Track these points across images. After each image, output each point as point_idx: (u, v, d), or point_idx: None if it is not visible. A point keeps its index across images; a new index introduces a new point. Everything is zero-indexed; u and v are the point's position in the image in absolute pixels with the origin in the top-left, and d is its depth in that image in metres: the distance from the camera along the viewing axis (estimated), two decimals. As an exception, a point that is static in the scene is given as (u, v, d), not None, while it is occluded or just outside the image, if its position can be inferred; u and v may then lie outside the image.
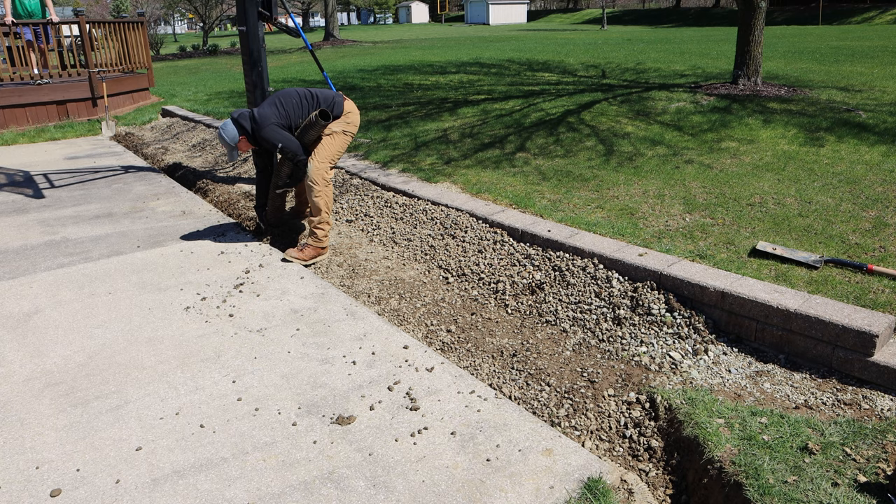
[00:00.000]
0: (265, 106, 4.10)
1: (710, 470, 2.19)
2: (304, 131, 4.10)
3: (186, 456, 2.32)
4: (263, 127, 4.02)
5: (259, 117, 4.04)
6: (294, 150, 4.07)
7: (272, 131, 4.03)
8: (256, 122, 4.04)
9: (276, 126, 4.05)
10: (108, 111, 9.88)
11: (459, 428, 2.45)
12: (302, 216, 4.83)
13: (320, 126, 4.08)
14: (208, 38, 33.10)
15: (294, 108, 4.14)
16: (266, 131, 4.01)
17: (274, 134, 4.02)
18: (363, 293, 3.79)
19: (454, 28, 42.30)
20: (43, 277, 3.94)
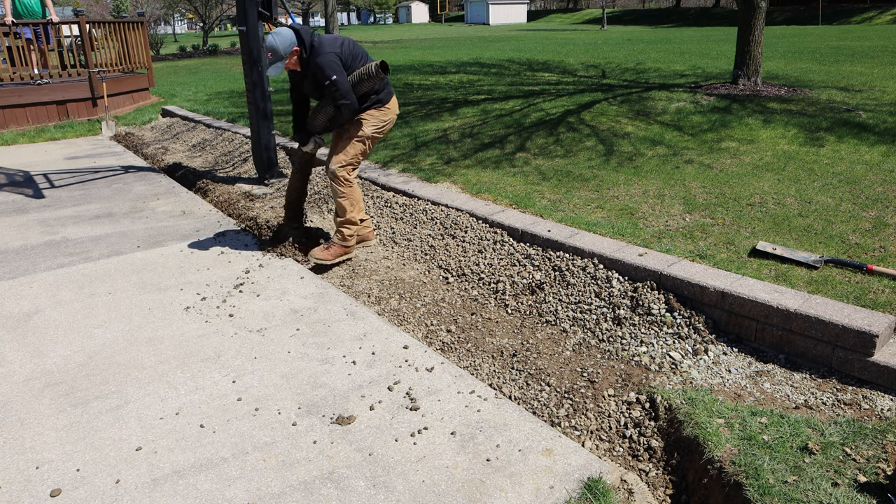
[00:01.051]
0: (326, 35, 3.70)
1: (710, 470, 2.19)
2: (358, 82, 3.71)
3: (186, 456, 2.32)
4: (321, 53, 3.54)
5: (319, 43, 3.60)
6: (345, 89, 3.60)
7: (330, 60, 3.54)
8: (314, 47, 3.58)
9: (336, 57, 3.58)
10: (108, 111, 9.88)
11: (459, 428, 2.45)
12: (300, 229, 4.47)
13: (376, 80, 3.70)
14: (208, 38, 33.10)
15: (354, 51, 3.76)
16: (324, 58, 3.53)
17: (331, 64, 3.54)
18: (363, 293, 3.79)
19: (454, 28, 42.29)
20: (43, 277, 3.94)
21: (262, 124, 5.83)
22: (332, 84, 3.58)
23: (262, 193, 5.80)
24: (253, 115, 5.83)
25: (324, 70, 3.55)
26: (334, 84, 3.59)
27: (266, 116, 5.84)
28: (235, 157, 7.15)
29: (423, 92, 9.41)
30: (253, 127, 5.91)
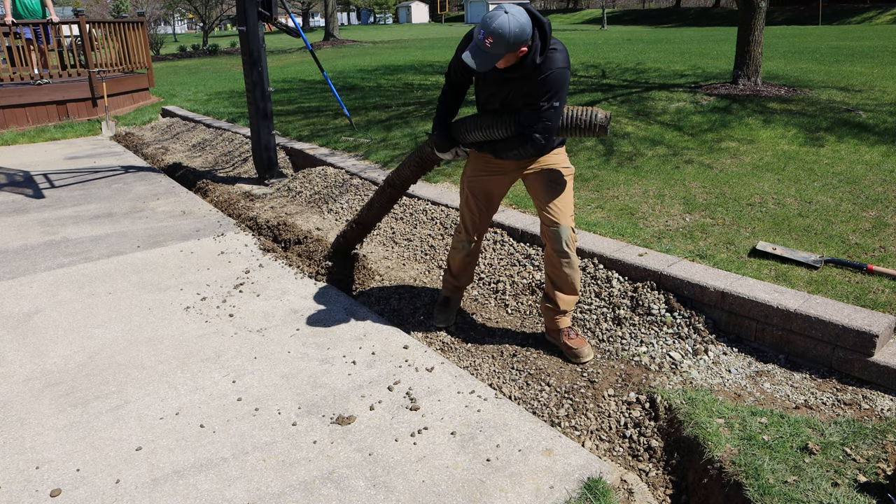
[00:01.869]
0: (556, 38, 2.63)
1: (710, 470, 2.19)
2: (569, 126, 2.76)
3: (186, 456, 2.32)
4: (557, 64, 2.53)
5: (560, 48, 2.57)
6: (556, 125, 2.66)
7: (565, 79, 2.57)
8: (553, 51, 2.54)
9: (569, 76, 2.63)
10: (108, 111, 9.88)
11: (459, 428, 2.45)
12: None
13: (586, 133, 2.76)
14: (208, 38, 33.10)
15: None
16: (559, 74, 2.54)
17: (564, 84, 2.58)
18: (363, 293, 3.78)
19: (454, 28, 42.29)
20: (43, 277, 3.94)
21: (262, 124, 5.83)
22: (551, 112, 2.58)
23: (262, 193, 5.80)
24: (253, 115, 5.84)
25: (552, 88, 2.54)
26: (553, 112, 2.59)
27: (266, 116, 5.84)
28: (235, 157, 7.15)
29: (423, 92, 9.41)
30: (253, 127, 5.92)
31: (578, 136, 2.80)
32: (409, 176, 3.33)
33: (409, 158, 3.25)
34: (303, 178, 5.82)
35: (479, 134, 2.78)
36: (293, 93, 10.52)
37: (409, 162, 3.27)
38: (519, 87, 2.63)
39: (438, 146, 2.98)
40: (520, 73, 2.56)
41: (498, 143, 2.77)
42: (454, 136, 2.91)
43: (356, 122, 7.46)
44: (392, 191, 3.45)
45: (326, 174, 5.69)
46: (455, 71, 2.84)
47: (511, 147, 2.72)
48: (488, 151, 2.85)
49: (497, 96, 2.73)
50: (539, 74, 2.54)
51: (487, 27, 2.37)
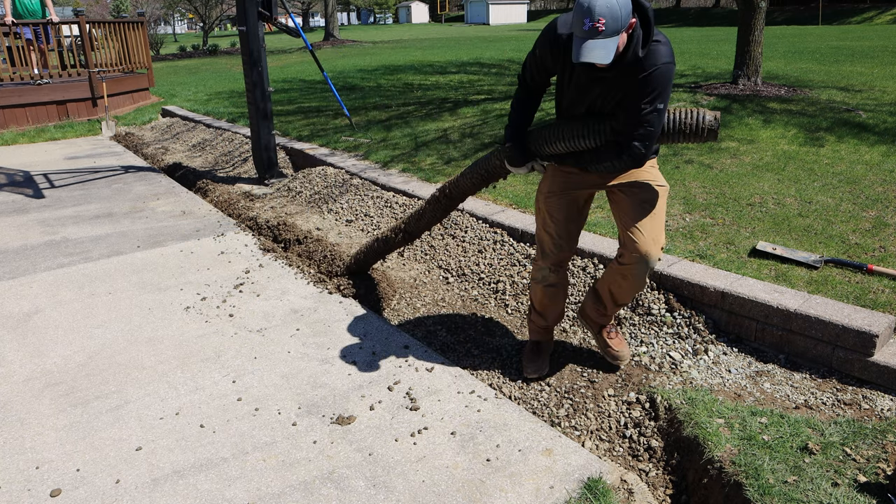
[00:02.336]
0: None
1: (710, 470, 2.19)
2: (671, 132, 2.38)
3: (186, 456, 2.32)
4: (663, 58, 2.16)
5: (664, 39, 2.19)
6: (658, 131, 2.28)
7: (671, 75, 2.20)
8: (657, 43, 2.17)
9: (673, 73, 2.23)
10: (108, 111, 9.88)
11: (459, 428, 2.45)
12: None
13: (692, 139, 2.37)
14: (208, 38, 33.10)
15: None
16: (666, 70, 2.16)
17: (669, 81, 2.20)
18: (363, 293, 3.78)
19: (454, 28, 42.28)
20: (43, 277, 3.94)
21: (262, 124, 5.83)
22: (654, 115, 2.21)
23: (262, 193, 5.80)
24: (253, 115, 5.84)
25: (656, 87, 2.17)
26: (656, 116, 2.22)
27: (266, 116, 5.84)
28: (235, 157, 7.15)
29: (423, 92, 9.41)
30: (253, 127, 5.92)
31: (681, 142, 2.42)
32: (468, 188, 2.98)
33: (472, 169, 2.88)
34: (303, 178, 5.82)
35: (564, 144, 2.41)
36: (293, 93, 10.52)
37: (472, 173, 2.90)
38: (613, 86, 2.24)
39: (512, 159, 2.58)
40: (616, 71, 2.17)
41: (585, 154, 2.40)
42: (531, 147, 2.54)
43: (356, 122, 7.46)
44: (447, 202, 3.12)
45: (326, 174, 5.69)
46: (534, 72, 2.43)
47: (603, 158, 2.35)
48: (572, 164, 2.49)
49: (584, 99, 2.35)
50: (641, 71, 2.15)
51: (593, 9, 1.97)
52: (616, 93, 2.25)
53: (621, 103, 2.26)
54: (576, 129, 2.36)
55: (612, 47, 2.02)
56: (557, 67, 2.33)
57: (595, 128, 2.34)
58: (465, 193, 3.04)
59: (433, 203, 3.19)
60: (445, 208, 3.16)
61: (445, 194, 3.10)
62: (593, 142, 2.36)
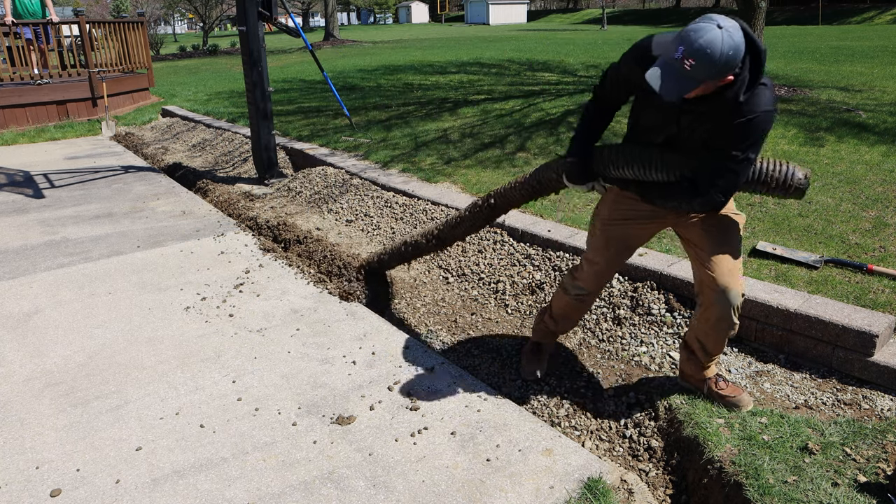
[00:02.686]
0: None
1: (710, 470, 2.19)
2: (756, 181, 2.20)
3: (186, 456, 2.32)
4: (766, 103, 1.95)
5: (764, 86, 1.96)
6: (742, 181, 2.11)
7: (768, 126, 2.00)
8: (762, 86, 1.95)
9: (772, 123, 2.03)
10: (108, 111, 9.88)
11: (459, 428, 2.45)
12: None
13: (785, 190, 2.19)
14: (208, 38, 33.11)
15: None
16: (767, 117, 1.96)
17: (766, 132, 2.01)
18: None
19: (454, 28, 42.29)
20: (43, 277, 3.94)
21: (262, 124, 5.83)
22: (744, 164, 2.02)
23: (262, 193, 5.80)
24: (253, 115, 5.84)
25: (752, 136, 1.98)
26: (745, 166, 2.03)
27: (266, 116, 5.84)
28: (235, 157, 7.15)
29: (423, 92, 9.41)
30: (253, 127, 5.92)
31: (759, 193, 2.23)
32: (516, 199, 2.78)
33: (524, 181, 2.68)
34: (303, 178, 5.82)
35: (632, 171, 2.21)
36: (293, 93, 10.52)
37: (522, 185, 2.70)
38: (703, 123, 2.04)
39: (573, 175, 2.40)
40: (711, 107, 1.98)
41: (653, 186, 2.21)
42: (595, 166, 2.34)
43: (356, 122, 7.46)
44: (490, 212, 2.92)
45: (326, 174, 5.69)
46: (612, 85, 2.24)
47: (673, 196, 2.16)
48: (635, 192, 2.30)
49: (665, 128, 2.14)
50: (738, 115, 1.94)
51: (691, 44, 1.79)
52: (704, 130, 2.04)
53: (707, 143, 2.05)
54: (650, 158, 2.14)
55: (685, 89, 1.86)
56: (642, 88, 2.08)
57: (673, 163, 2.11)
58: (511, 205, 2.83)
59: (473, 211, 2.98)
60: (486, 218, 2.96)
61: (490, 204, 2.90)
62: (666, 177, 2.14)
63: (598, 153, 2.33)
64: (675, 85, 1.85)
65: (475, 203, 2.99)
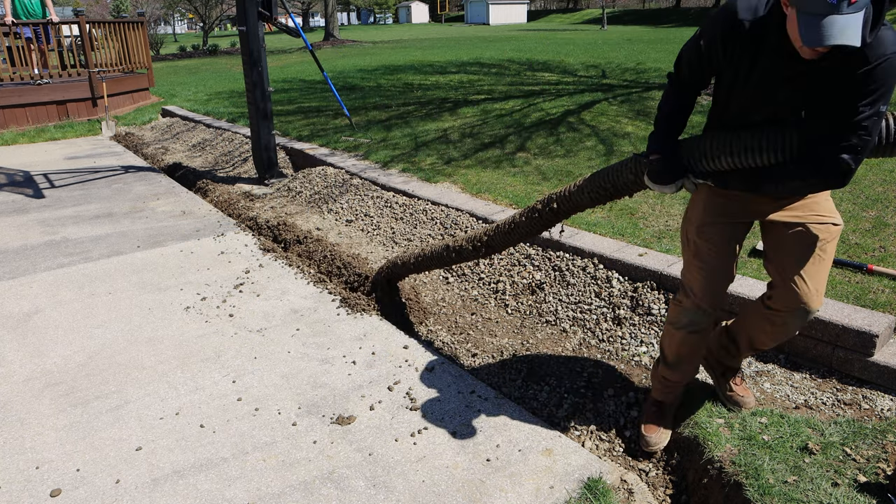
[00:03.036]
0: None
1: (710, 470, 2.19)
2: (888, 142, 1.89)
3: (186, 456, 2.32)
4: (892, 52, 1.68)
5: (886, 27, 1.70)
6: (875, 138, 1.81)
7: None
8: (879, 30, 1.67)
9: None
10: (108, 111, 9.88)
11: (459, 428, 2.45)
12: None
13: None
14: (208, 38, 33.11)
15: None
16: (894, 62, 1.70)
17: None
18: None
19: (454, 28, 42.30)
20: (43, 277, 3.94)
21: (262, 124, 5.83)
22: (873, 120, 1.76)
23: (262, 193, 5.80)
24: (253, 115, 5.84)
25: (882, 84, 1.72)
26: (876, 121, 1.77)
27: (266, 116, 5.84)
28: (235, 157, 7.15)
29: (423, 92, 9.41)
30: (253, 127, 5.92)
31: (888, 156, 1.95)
32: (583, 203, 2.46)
33: (593, 182, 2.38)
34: (303, 178, 5.83)
35: (733, 160, 1.93)
36: (293, 93, 10.53)
37: (592, 187, 2.39)
38: (819, 83, 1.77)
39: (658, 174, 2.08)
40: (829, 62, 1.71)
41: (762, 171, 1.93)
42: (685, 161, 2.06)
43: (356, 122, 7.46)
44: (551, 217, 2.59)
45: (326, 174, 5.69)
46: (694, 67, 1.96)
47: (793, 173, 1.87)
48: (738, 185, 2.01)
49: (765, 103, 1.87)
50: (863, 62, 1.68)
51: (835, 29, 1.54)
52: (817, 92, 1.78)
53: (821, 105, 1.80)
54: (754, 140, 1.88)
55: (860, 24, 1.56)
56: (732, 62, 1.84)
57: (782, 140, 1.84)
58: (577, 209, 2.52)
59: (531, 216, 2.65)
60: (545, 224, 2.64)
61: (552, 209, 2.56)
62: (778, 157, 1.87)
63: (687, 145, 2.05)
64: (853, 29, 1.55)
65: (533, 208, 2.65)
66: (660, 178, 2.09)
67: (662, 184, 2.10)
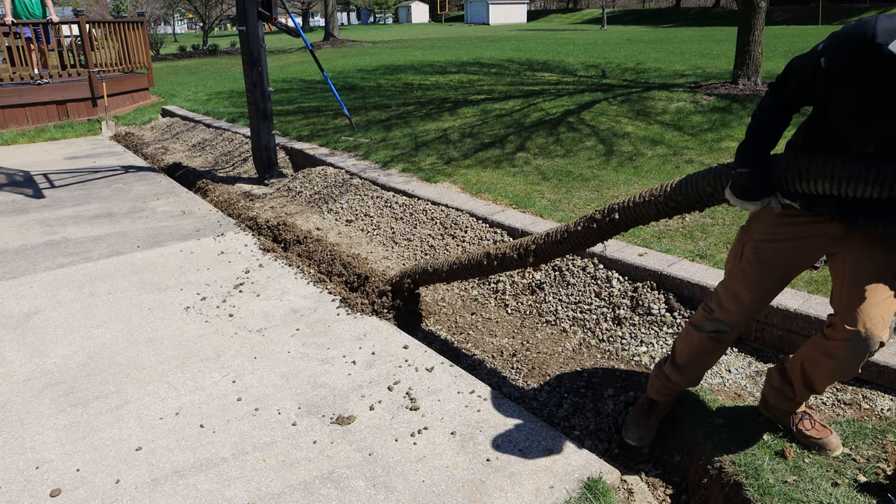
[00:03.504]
0: None
1: (710, 470, 2.19)
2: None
3: (186, 456, 2.32)
4: None
5: None
6: None
7: None
8: None
9: None
10: (108, 111, 9.88)
11: (459, 428, 2.45)
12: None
13: None
14: (208, 38, 33.11)
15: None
16: None
17: None
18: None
19: (454, 28, 42.29)
20: (43, 277, 3.94)
21: (262, 124, 5.83)
22: None
23: (262, 193, 5.80)
24: (253, 115, 5.84)
25: None
26: None
27: (266, 116, 5.84)
28: (235, 157, 7.15)
29: (423, 92, 9.41)
30: (253, 127, 5.92)
31: None
32: (648, 216, 2.29)
33: (664, 194, 2.20)
34: (303, 178, 5.83)
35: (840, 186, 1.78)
36: (293, 93, 10.53)
37: (661, 200, 2.21)
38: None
39: (744, 189, 1.94)
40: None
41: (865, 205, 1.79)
42: (774, 179, 1.91)
43: (356, 122, 7.46)
44: (609, 228, 2.40)
45: (326, 174, 5.69)
46: (807, 85, 1.79)
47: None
48: (833, 210, 1.88)
49: (881, 134, 1.72)
50: None
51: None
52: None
53: None
54: (862, 169, 1.73)
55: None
56: (858, 87, 1.68)
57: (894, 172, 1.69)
58: (640, 222, 2.32)
59: (588, 227, 2.47)
60: (601, 236, 2.45)
61: (612, 220, 2.37)
62: (885, 193, 1.72)
63: (780, 162, 1.91)
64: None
65: (591, 217, 2.46)
66: (745, 194, 1.93)
67: (747, 200, 1.94)
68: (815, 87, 1.77)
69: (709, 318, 2.18)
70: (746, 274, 2.06)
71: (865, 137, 1.75)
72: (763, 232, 2.03)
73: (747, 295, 2.07)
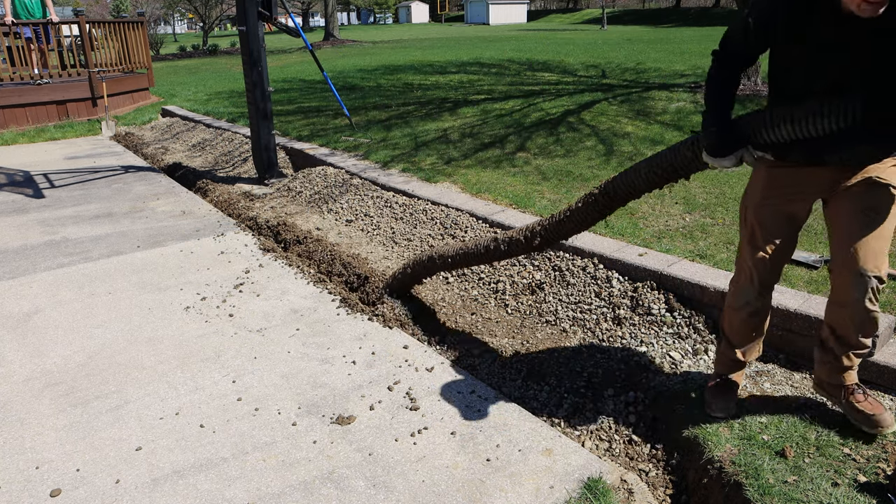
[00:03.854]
0: None
1: (710, 470, 2.19)
2: None
3: (186, 456, 2.31)
4: None
5: None
6: None
7: None
8: None
9: None
10: (108, 111, 9.88)
11: (459, 428, 2.45)
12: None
13: None
14: (208, 38, 33.11)
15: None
16: None
17: None
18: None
19: (454, 28, 42.29)
20: (43, 277, 3.94)
21: (262, 124, 5.83)
22: None
23: (262, 193, 5.80)
24: (253, 114, 5.84)
25: None
26: None
27: (266, 116, 5.84)
28: (235, 157, 7.15)
29: (423, 92, 9.41)
30: (253, 127, 5.92)
31: None
32: (641, 186, 2.42)
33: (650, 164, 2.36)
34: (303, 178, 5.82)
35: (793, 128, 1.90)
36: (293, 93, 10.53)
37: (650, 168, 2.36)
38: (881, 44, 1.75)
39: (716, 148, 2.07)
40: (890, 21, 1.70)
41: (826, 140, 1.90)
42: (742, 132, 2.04)
43: (356, 122, 7.46)
44: (607, 202, 2.54)
45: (326, 174, 5.69)
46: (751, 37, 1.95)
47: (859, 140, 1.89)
48: (798, 156, 2.02)
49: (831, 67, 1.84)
50: None
51: None
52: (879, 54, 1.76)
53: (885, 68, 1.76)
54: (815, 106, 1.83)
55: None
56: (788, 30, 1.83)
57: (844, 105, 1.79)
58: (635, 193, 2.46)
59: (588, 202, 2.59)
60: (602, 210, 2.58)
61: (607, 193, 2.51)
62: (839, 124, 1.82)
63: (747, 118, 2.04)
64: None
65: (590, 193, 2.59)
66: (718, 151, 2.08)
67: (721, 156, 2.08)
68: (765, 34, 1.93)
69: (738, 291, 2.31)
70: (756, 237, 2.21)
71: (815, 76, 1.89)
72: (758, 195, 2.19)
73: (763, 258, 2.20)
